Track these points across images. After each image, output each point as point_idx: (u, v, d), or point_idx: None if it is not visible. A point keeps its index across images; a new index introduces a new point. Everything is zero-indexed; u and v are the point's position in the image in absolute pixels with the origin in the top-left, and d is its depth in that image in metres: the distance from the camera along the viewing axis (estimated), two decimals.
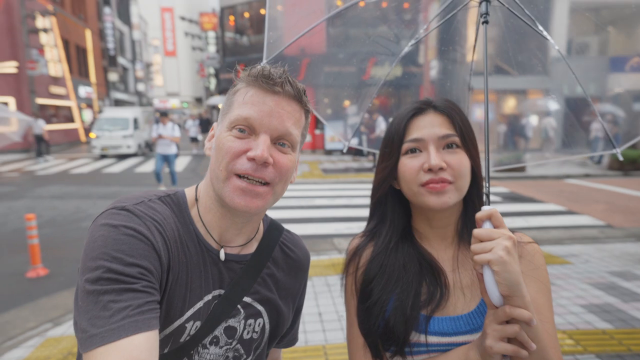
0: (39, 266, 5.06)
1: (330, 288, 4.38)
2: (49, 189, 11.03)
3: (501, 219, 0.80)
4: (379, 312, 0.93)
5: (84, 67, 30.33)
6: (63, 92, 25.07)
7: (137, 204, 0.80)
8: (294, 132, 0.85)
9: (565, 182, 11.69)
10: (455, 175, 0.91)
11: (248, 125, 0.82)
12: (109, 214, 0.77)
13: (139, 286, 0.71)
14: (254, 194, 0.82)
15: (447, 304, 0.94)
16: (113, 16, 37.57)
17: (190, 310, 0.83)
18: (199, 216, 0.89)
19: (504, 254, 0.74)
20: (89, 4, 31.83)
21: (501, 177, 12.50)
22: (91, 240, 0.75)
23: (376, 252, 0.99)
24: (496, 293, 0.75)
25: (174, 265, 0.80)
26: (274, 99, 0.83)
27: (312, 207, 8.60)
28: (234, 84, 0.90)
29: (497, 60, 1.85)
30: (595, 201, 9.22)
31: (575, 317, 3.75)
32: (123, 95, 42.34)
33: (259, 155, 0.79)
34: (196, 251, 0.86)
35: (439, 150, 0.92)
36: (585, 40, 1.74)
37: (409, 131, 0.95)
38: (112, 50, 36.73)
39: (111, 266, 0.70)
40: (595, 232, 6.55)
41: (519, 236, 0.98)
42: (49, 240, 6.42)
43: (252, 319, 0.94)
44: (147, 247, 0.75)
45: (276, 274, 0.99)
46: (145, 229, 0.76)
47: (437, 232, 1.00)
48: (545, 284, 0.94)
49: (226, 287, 0.90)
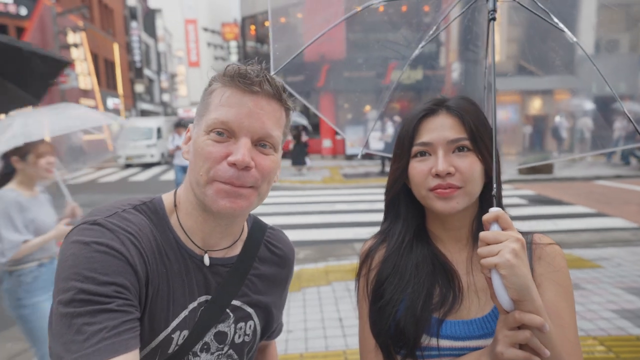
0: None
1: (350, 293, 4.35)
2: (77, 198, 11.38)
3: (509, 220, 0.77)
4: (390, 312, 0.92)
5: (112, 79, 31.40)
6: (92, 103, 25.99)
7: (109, 217, 0.77)
8: (274, 133, 0.82)
9: (595, 184, 11.28)
10: (465, 180, 0.89)
11: (227, 128, 0.78)
12: (80, 230, 0.74)
13: (114, 305, 0.68)
14: (237, 194, 0.79)
15: (461, 307, 0.92)
16: (139, 30, 38.81)
17: (175, 320, 0.81)
18: (178, 223, 0.86)
19: (512, 256, 0.71)
20: (117, 19, 33.00)
21: (527, 179, 12.17)
22: (62, 259, 0.71)
23: (389, 252, 0.99)
24: (506, 297, 0.73)
25: (152, 278, 0.77)
26: (253, 99, 0.79)
27: (333, 212, 8.59)
28: (209, 83, 0.85)
29: (521, 60, 1.82)
30: (626, 203, 8.86)
31: (607, 322, 3.60)
32: (149, 106, 43.55)
33: (240, 160, 0.76)
34: (176, 259, 0.83)
35: (448, 155, 0.90)
36: (615, 37, 1.69)
37: (418, 133, 0.94)
38: (139, 62, 37.90)
39: (83, 287, 0.67)
40: (627, 234, 6.30)
41: (539, 237, 0.96)
42: None
43: (242, 322, 0.92)
44: (121, 263, 0.71)
45: (263, 272, 0.96)
46: (118, 244, 0.73)
47: (451, 233, 0.98)
48: (567, 287, 0.90)
49: (213, 292, 0.87)
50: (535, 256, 0.93)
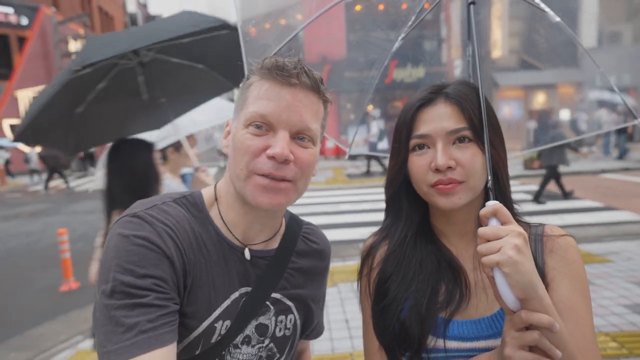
0: (71, 280, 5.25)
1: (356, 294, 4.32)
2: (84, 205, 11.47)
3: (508, 214, 0.72)
4: (394, 312, 0.89)
5: None
6: None
7: (148, 209, 0.79)
8: (312, 125, 0.81)
9: (601, 177, 11.19)
10: (467, 174, 0.84)
11: (265, 121, 0.79)
12: (122, 222, 0.77)
13: (151, 299, 0.71)
14: (277, 190, 0.79)
15: (468, 306, 0.87)
16: None
17: (217, 309, 0.82)
18: (219, 215, 0.87)
19: (514, 253, 0.67)
20: (117, 26, 33.18)
21: (533, 174, 12.09)
22: (106, 250, 0.75)
23: (391, 249, 0.95)
24: (511, 297, 0.69)
25: (190, 269, 0.79)
26: (291, 91, 0.79)
27: (337, 212, 8.58)
28: (247, 76, 0.85)
29: (523, 54, 1.80)
30: (634, 195, 8.78)
31: (619, 318, 3.56)
32: None
33: (279, 153, 0.76)
34: (216, 250, 0.84)
35: (448, 147, 0.85)
36: (617, 29, 1.67)
37: (416, 125, 0.88)
38: None
39: (123, 279, 0.70)
40: (636, 227, 6.23)
41: (550, 229, 0.91)
42: (82, 253, 6.66)
43: (282, 315, 0.92)
44: (158, 256, 0.74)
45: (302, 266, 0.97)
46: (155, 236, 0.75)
47: (456, 228, 0.93)
48: (581, 281, 0.85)
49: (253, 284, 0.88)
50: (547, 249, 0.88)
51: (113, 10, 32.51)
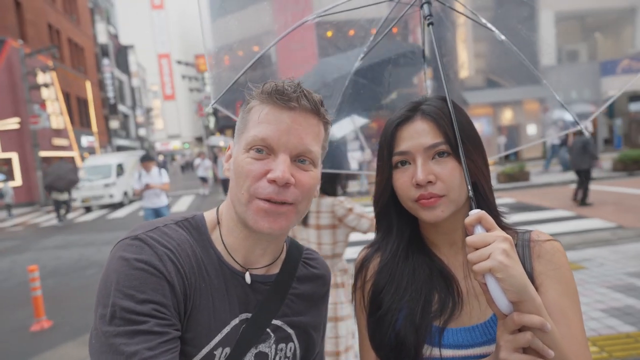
0: (42, 319, 5.00)
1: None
2: (54, 240, 11.03)
3: (491, 220, 0.74)
4: (389, 322, 0.89)
5: (86, 117, 30.98)
6: (65, 143, 25.49)
7: (150, 231, 0.79)
8: (313, 148, 0.82)
9: (570, 188, 11.61)
10: (446, 188, 0.86)
11: (266, 145, 0.79)
12: (122, 245, 0.76)
13: (152, 325, 0.70)
14: (277, 214, 0.79)
15: (462, 314, 0.88)
16: (112, 66, 38.67)
17: (217, 336, 0.81)
18: (220, 239, 0.87)
19: (504, 258, 0.69)
20: (88, 57, 32.85)
21: (506, 187, 12.44)
22: (106, 273, 0.74)
23: (384, 261, 0.96)
24: (504, 301, 0.70)
25: (191, 293, 0.78)
26: (290, 115, 0.80)
27: None
28: (247, 101, 0.86)
29: (489, 74, 1.89)
30: (603, 203, 9.13)
31: (597, 322, 3.65)
32: (125, 142, 42.99)
33: (280, 177, 0.77)
34: (217, 275, 0.83)
35: (427, 162, 0.87)
36: (574, 48, 1.78)
37: (396, 142, 0.91)
38: (112, 99, 37.59)
39: (123, 304, 0.70)
40: (607, 234, 6.46)
41: (537, 234, 0.93)
42: (54, 290, 6.37)
43: (283, 344, 0.90)
44: (159, 280, 0.73)
45: (303, 292, 0.96)
46: (156, 260, 0.74)
47: (444, 237, 0.95)
48: (569, 284, 0.86)
49: (253, 310, 0.87)
50: (535, 254, 0.89)
51: (83, 41, 32.25)
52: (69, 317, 5.25)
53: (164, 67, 73.79)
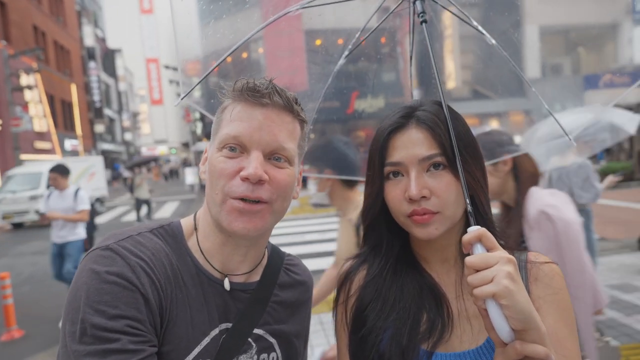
0: (13, 328, 4.83)
1: (324, 326, 4.25)
2: (31, 245, 10.74)
3: (493, 239, 0.68)
4: (373, 342, 0.83)
5: (70, 120, 30.47)
6: (48, 146, 24.99)
7: (122, 240, 0.75)
8: (287, 145, 0.80)
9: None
10: (441, 204, 0.80)
11: (238, 143, 0.78)
12: (92, 256, 0.73)
13: (125, 343, 0.66)
14: (252, 213, 0.77)
15: (451, 337, 0.82)
16: (98, 70, 38.21)
17: (196, 348, 0.78)
18: (197, 246, 0.84)
19: (509, 282, 0.63)
20: (74, 60, 32.42)
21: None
22: (75, 287, 0.70)
23: (371, 275, 0.90)
24: (506, 328, 0.64)
25: (167, 305, 0.75)
26: (263, 112, 0.79)
27: (304, 242, 8.51)
28: (222, 100, 0.85)
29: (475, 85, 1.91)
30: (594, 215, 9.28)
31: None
32: (110, 146, 42.41)
33: (252, 173, 0.75)
34: (194, 284, 0.80)
35: (421, 175, 0.81)
36: (558, 61, 1.81)
37: (388, 152, 0.84)
38: (98, 102, 37.10)
39: (93, 320, 0.66)
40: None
41: (534, 255, 0.87)
42: (27, 298, 6.19)
43: (265, 354, 0.88)
44: (132, 294, 0.70)
45: (284, 299, 0.94)
46: (129, 272, 0.71)
47: (436, 254, 0.89)
48: (568, 311, 0.81)
49: (233, 319, 0.84)
50: (532, 277, 0.84)
51: (69, 44, 31.82)
52: (41, 327, 5.08)
53: (152, 72, 73.24)
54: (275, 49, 1.82)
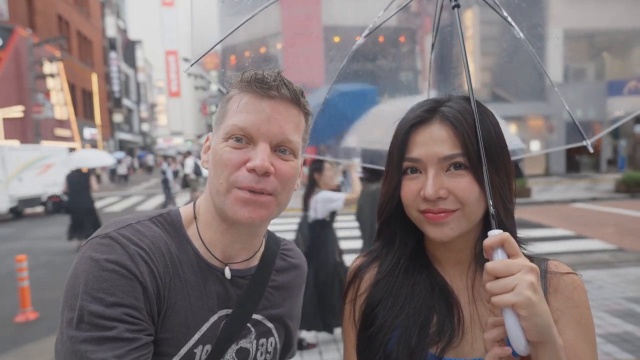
0: (28, 310, 4.96)
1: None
2: (48, 230, 11.00)
3: (516, 245, 0.65)
4: (381, 341, 0.81)
5: (90, 109, 31.03)
6: (68, 134, 25.51)
7: (121, 228, 0.76)
8: (293, 138, 0.80)
9: (572, 207, 11.57)
10: (461, 202, 0.76)
11: (245, 134, 0.78)
12: (92, 244, 0.73)
13: (121, 331, 0.66)
14: (258, 204, 0.77)
15: (462, 342, 0.79)
16: (119, 60, 38.81)
17: (196, 334, 0.79)
18: (197, 234, 0.84)
19: (531, 293, 0.60)
20: (95, 50, 32.98)
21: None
22: (73, 274, 0.71)
23: (382, 273, 0.88)
24: (522, 341, 0.62)
25: (165, 293, 0.75)
26: (270, 104, 0.78)
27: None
28: (227, 90, 0.85)
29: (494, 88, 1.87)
30: (604, 225, 9.08)
31: None
32: (127, 136, 43.09)
33: (259, 165, 0.75)
34: (193, 272, 0.81)
35: (439, 175, 0.77)
36: (581, 66, 1.76)
37: (408, 147, 0.81)
38: (117, 92, 37.69)
39: (91, 308, 0.67)
40: (607, 256, 6.41)
41: (555, 265, 0.83)
42: (43, 281, 6.33)
43: (263, 338, 0.89)
44: (131, 282, 0.70)
45: (280, 283, 0.95)
46: (128, 260, 0.71)
47: (451, 255, 0.85)
48: (588, 326, 0.77)
49: (233, 305, 0.85)
50: (551, 288, 0.80)
51: (92, 34, 32.37)
52: (55, 310, 5.15)
53: (171, 64, 74.07)
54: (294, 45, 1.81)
